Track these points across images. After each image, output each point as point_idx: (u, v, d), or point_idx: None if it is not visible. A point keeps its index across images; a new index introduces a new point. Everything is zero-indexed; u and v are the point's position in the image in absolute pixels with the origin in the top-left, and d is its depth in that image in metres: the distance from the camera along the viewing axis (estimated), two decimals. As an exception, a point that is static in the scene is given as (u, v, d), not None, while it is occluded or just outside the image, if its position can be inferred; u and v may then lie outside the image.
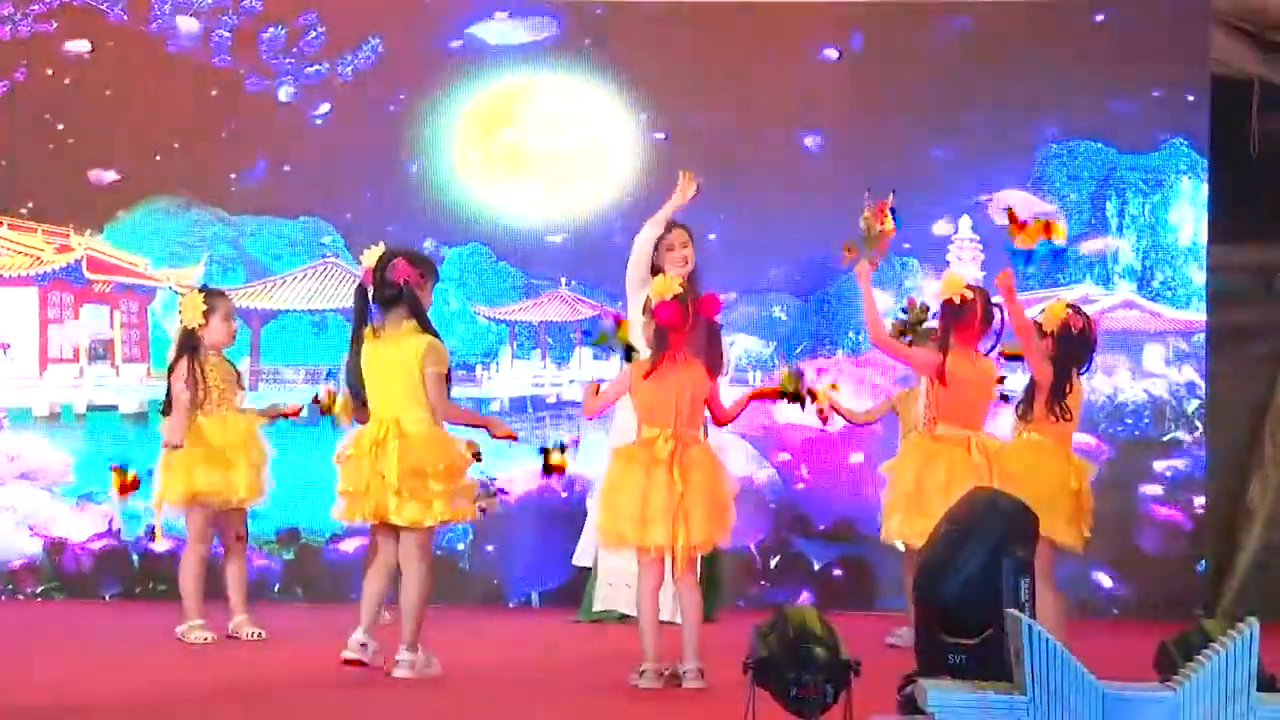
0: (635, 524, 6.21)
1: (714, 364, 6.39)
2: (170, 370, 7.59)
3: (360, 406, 6.49)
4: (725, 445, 7.47)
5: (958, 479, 6.56)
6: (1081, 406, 6.88)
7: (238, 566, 7.65)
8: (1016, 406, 6.87)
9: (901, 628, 7.37)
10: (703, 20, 9.44)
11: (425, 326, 6.37)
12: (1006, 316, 6.83)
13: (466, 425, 6.65)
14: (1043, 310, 6.89)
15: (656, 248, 8.25)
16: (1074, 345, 6.74)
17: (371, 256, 6.46)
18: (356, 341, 6.43)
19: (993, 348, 7.05)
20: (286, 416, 7.88)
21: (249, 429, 7.58)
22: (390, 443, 6.25)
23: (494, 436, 6.65)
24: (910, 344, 7.64)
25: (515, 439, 6.75)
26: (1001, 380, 7.30)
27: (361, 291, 6.46)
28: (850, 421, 8.19)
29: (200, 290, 7.68)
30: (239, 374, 7.75)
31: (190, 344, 7.54)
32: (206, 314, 7.51)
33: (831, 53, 9.45)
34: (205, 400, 7.49)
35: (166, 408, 7.59)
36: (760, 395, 6.90)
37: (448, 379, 6.41)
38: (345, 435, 6.77)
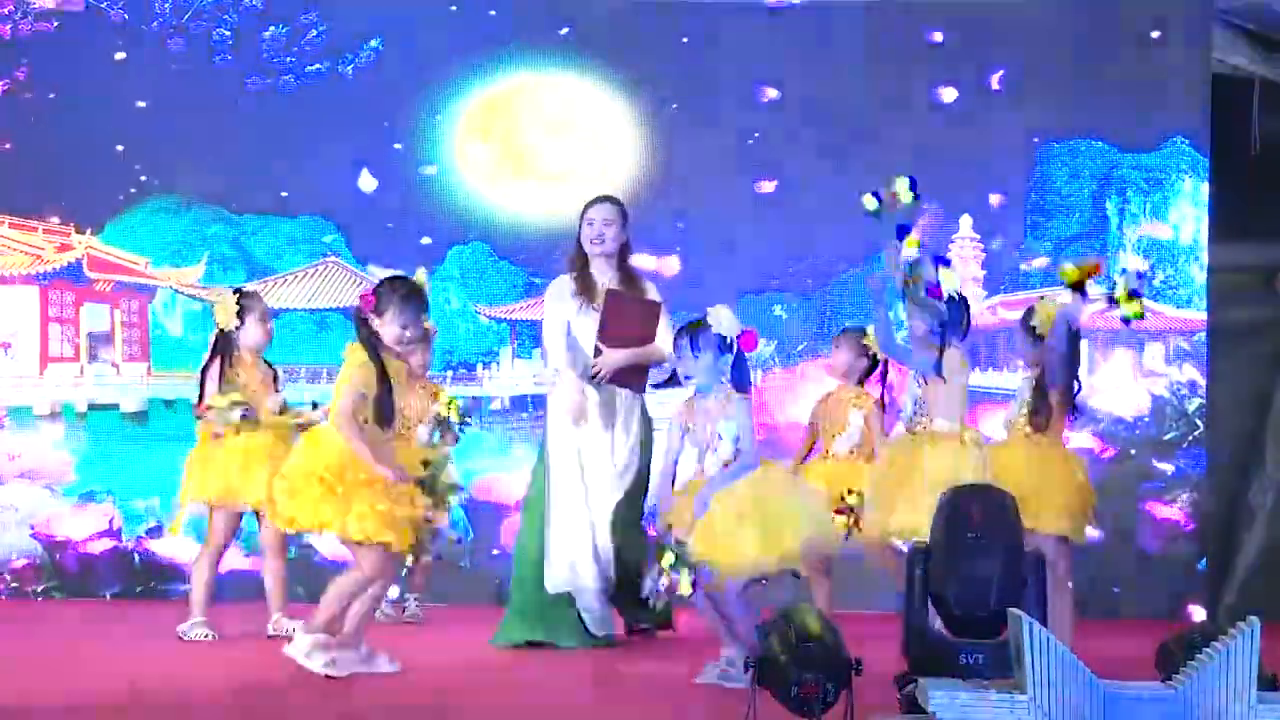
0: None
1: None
2: (203, 371, 7.56)
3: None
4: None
5: (961, 474, 6.53)
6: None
7: (278, 565, 7.63)
8: (1033, 414, 6.80)
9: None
10: (702, 19, 9.45)
11: (370, 353, 6.23)
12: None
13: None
14: (1033, 310, 6.82)
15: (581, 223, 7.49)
16: (1075, 345, 6.75)
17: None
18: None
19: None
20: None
21: (278, 432, 7.50)
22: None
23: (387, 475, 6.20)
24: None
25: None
26: None
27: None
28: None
29: (235, 292, 7.63)
30: (276, 375, 7.68)
31: (223, 345, 7.52)
32: (241, 315, 7.50)
33: (833, 52, 9.46)
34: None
35: (200, 409, 7.58)
36: None
37: (376, 410, 6.16)
38: None
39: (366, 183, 9.50)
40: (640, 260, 9.35)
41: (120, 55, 9.51)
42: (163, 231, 9.54)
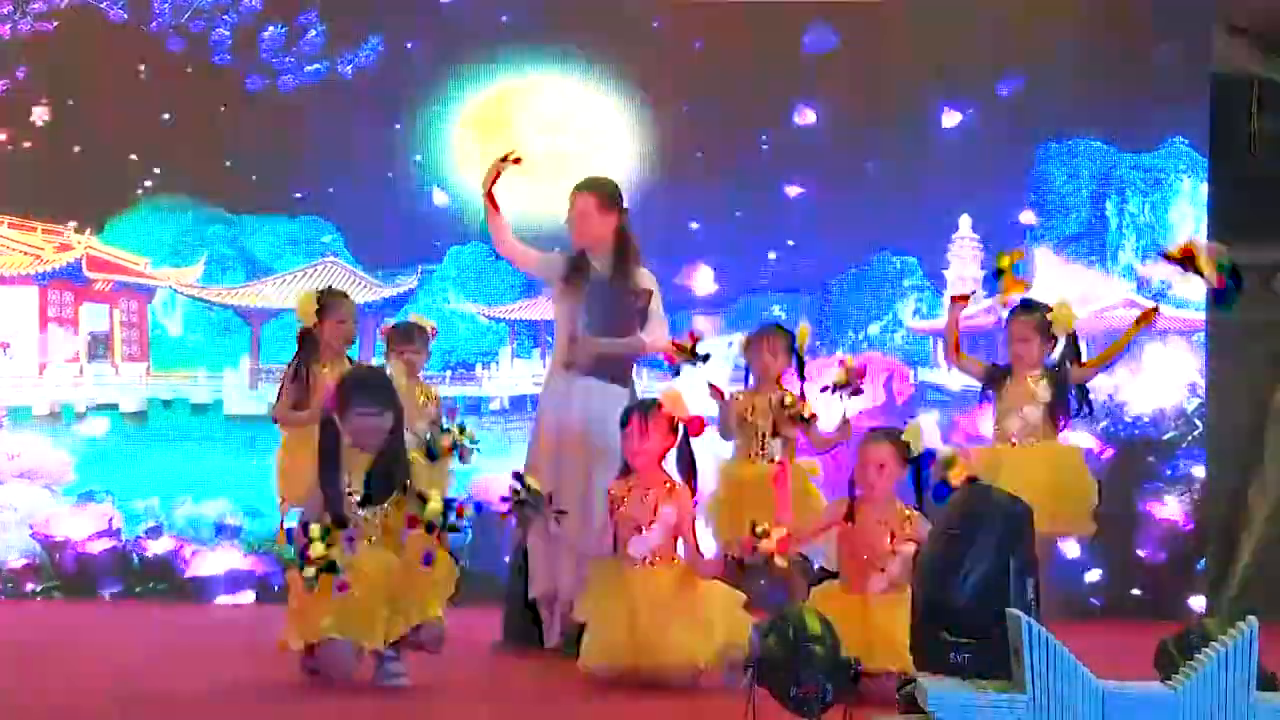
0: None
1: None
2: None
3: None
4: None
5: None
6: None
7: None
8: (1057, 412, 6.81)
9: None
10: (703, 18, 9.46)
11: (322, 455, 6.18)
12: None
13: None
14: (1049, 312, 6.85)
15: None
16: (1078, 343, 6.84)
17: None
18: None
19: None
20: None
21: None
22: None
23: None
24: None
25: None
26: None
27: None
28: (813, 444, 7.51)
29: (318, 292, 7.52)
30: None
31: (304, 344, 7.46)
32: (320, 314, 7.42)
33: (831, 50, 9.46)
34: (309, 401, 7.34)
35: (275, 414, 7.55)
36: None
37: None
38: None
39: (440, 198, 9.50)
40: (702, 273, 9.36)
41: (119, 55, 9.50)
42: (162, 231, 9.54)
